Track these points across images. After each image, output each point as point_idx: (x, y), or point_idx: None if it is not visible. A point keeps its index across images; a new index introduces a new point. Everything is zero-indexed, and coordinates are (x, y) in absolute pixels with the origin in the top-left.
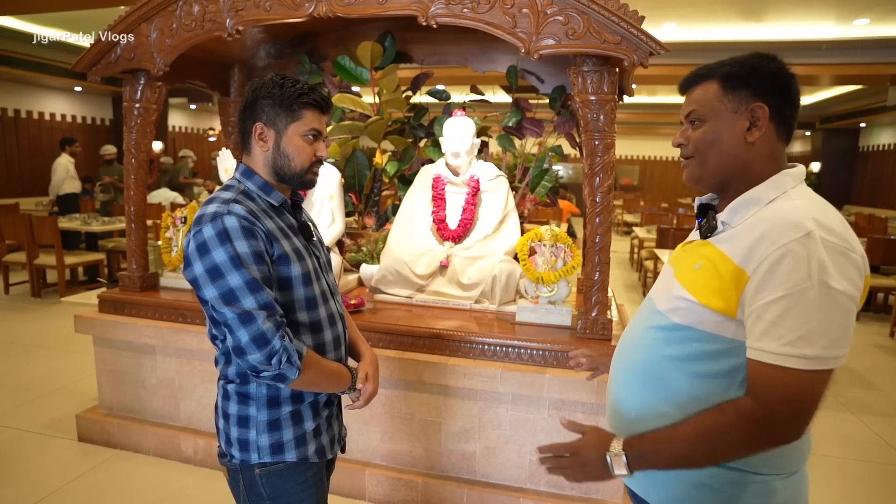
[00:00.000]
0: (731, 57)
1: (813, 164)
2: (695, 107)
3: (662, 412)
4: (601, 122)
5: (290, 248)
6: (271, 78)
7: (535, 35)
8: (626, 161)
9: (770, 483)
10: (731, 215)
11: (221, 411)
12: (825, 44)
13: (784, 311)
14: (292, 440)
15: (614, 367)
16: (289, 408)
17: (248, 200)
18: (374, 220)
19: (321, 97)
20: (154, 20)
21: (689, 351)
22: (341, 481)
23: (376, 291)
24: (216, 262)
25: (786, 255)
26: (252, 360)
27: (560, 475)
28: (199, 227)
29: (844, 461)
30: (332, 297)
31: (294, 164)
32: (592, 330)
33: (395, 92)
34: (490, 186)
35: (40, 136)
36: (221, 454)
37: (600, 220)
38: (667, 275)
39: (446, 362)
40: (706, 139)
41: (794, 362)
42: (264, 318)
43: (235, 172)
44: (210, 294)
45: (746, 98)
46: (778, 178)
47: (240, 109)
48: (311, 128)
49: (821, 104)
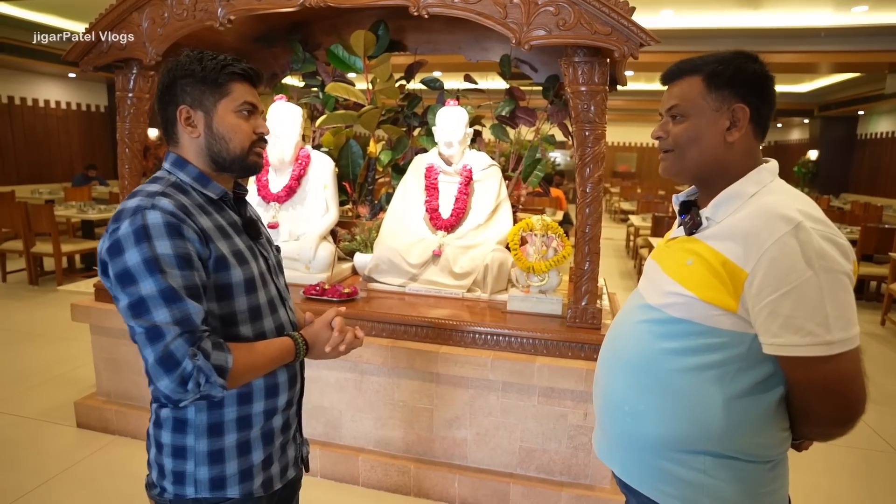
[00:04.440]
0: (713, 53)
1: (811, 151)
2: (677, 101)
3: (656, 404)
4: (592, 112)
5: (229, 249)
6: (187, 54)
7: (525, 26)
8: (624, 148)
9: (760, 469)
10: (714, 211)
11: (154, 440)
12: (823, 31)
13: (796, 302)
14: (236, 474)
15: (604, 362)
16: (234, 436)
17: (179, 194)
18: (367, 209)
19: (248, 67)
20: (145, 9)
21: (686, 344)
22: (335, 467)
23: (370, 280)
24: (128, 265)
25: (782, 248)
26: (162, 386)
27: None
28: (117, 223)
29: (829, 447)
30: (282, 304)
31: (233, 147)
32: (582, 319)
33: (389, 81)
34: (483, 176)
35: (35, 123)
36: (150, 485)
37: (590, 210)
38: (653, 270)
39: (438, 350)
40: (687, 136)
41: (820, 350)
42: (175, 334)
43: (165, 163)
44: (120, 304)
45: (729, 98)
46: (756, 174)
47: (156, 95)
48: (243, 101)
49: (819, 92)
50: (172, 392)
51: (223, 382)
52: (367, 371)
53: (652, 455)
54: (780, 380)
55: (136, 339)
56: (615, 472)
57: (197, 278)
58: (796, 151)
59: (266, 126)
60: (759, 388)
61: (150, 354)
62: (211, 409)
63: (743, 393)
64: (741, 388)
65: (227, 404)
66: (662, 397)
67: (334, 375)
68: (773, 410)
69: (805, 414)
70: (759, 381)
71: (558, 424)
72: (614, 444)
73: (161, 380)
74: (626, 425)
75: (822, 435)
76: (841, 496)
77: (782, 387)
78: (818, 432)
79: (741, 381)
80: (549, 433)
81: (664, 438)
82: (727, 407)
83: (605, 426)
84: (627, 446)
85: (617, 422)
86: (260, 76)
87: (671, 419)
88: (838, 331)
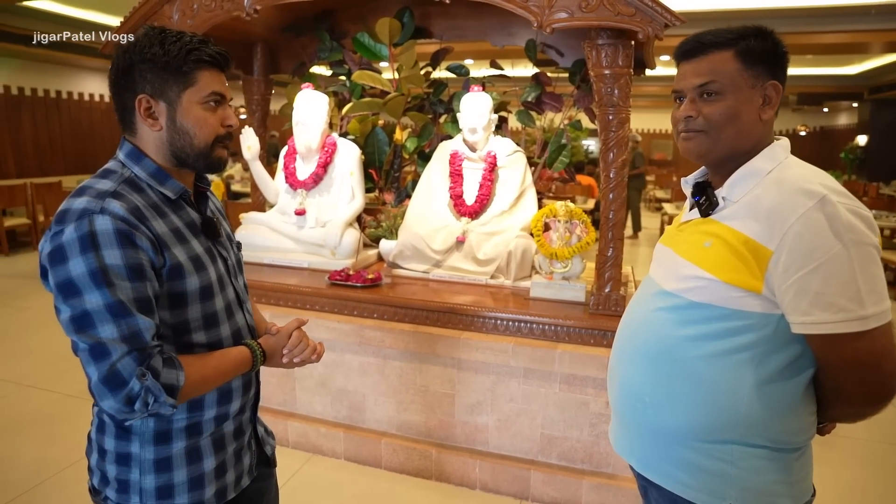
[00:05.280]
0: (732, 28)
1: (859, 137)
2: (711, 78)
3: (680, 393)
4: (615, 96)
5: (186, 256)
6: (146, 34)
7: (547, 8)
8: (659, 135)
9: (788, 457)
10: (730, 190)
11: (96, 445)
12: (874, 8)
13: (826, 277)
14: (185, 482)
15: (620, 352)
16: (182, 443)
17: (132, 193)
18: (393, 195)
19: (217, 51)
20: (175, 2)
21: (709, 329)
22: (358, 449)
23: (394, 266)
24: (72, 275)
25: (808, 223)
26: (107, 406)
27: None
28: (61, 226)
29: (867, 443)
30: (240, 308)
31: (197, 142)
32: (605, 306)
33: (414, 68)
34: (507, 162)
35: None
36: (93, 491)
37: (614, 195)
38: (667, 255)
39: (459, 336)
40: (725, 114)
41: (855, 326)
42: (122, 352)
43: (119, 152)
44: (62, 315)
45: (763, 75)
46: (770, 150)
47: (111, 78)
48: (210, 91)
49: (869, 73)
50: (118, 412)
51: (173, 402)
52: (390, 356)
53: (676, 447)
54: (809, 361)
55: (79, 355)
56: (634, 466)
57: (149, 290)
58: (843, 137)
59: (234, 118)
60: (788, 371)
61: (93, 373)
62: (158, 418)
63: (772, 377)
64: (770, 372)
65: (176, 412)
66: (686, 385)
67: (358, 360)
68: (803, 394)
69: (837, 394)
70: (788, 364)
71: (580, 412)
72: (633, 437)
73: (105, 400)
74: (647, 417)
75: (855, 415)
76: (876, 491)
77: (812, 368)
78: (851, 412)
79: (769, 364)
80: (570, 420)
81: (689, 428)
82: (756, 392)
83: (623, 419)
84: (648, 439)
85: (637, 413)
86: (228, 60)
87: (696, 408)
88: (871, 305)
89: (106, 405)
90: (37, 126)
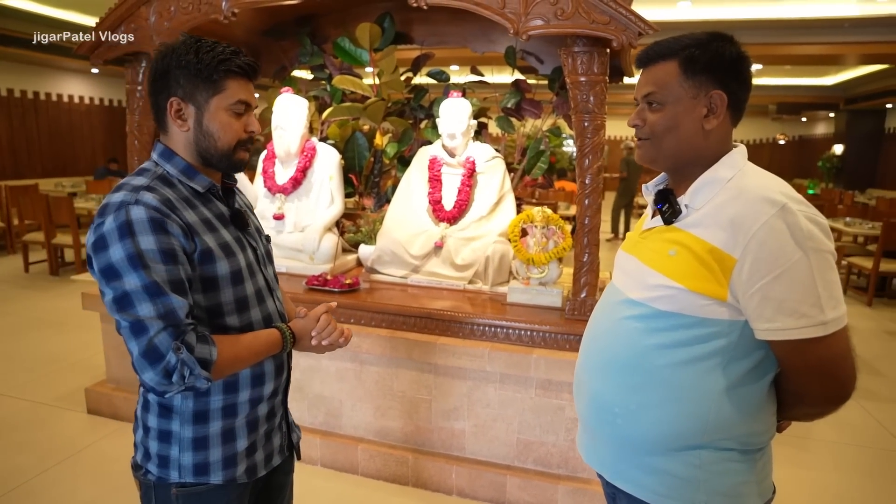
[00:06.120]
0: (689, 35)
1: (836, 146)
2: (653, 89)
3: (650, 402)
4: (591, 103)
5: (215, 242)
6: (184, 42)
7: (523, 15)
8: None
9: (751, 458)
10: (692, 197)
11: (141, 422)
12: (848, 21)
13: (789, 285)
14: (220, 461)
15: (587, 362)
16: (219, 424)
17: (165, 187)
18: (373, 200)
19: (246, 62)
20: (153, 4)
21: (677, 337)
22: (335, 456)
23: (373, 271)
24: (112, 260)
25: (770, 231)
26: (147, 378)
27: None
28: (102, 218)
29: (840, 446)
30: (270, 294)
31: (220, 145)
32: (581, 311)
33: (394, 73)
34: (486, 168)
35: (59, 117)
36: (136, 466)
37: (589, 201)
38: (631, 263)
39: (436, 341)
40: (664, 124)
41: (816, 331)
42: (159, 328)
43: (153, 153)
44: (106, 298)
45: (706, 84)
46: (730, 158)
47: (149, 80)
48: (237, 100)
49: (845, 84)
50: (157, 384)
51: (207, 375)
52: (367, 361)
53: (645, 455)
54: (771, 364)
55: (122, 332)
56: (605, 476)
57: (181, 272)
58: (821, 146)
59: (257, 124)
60: (753, 375)
61: (134, 348)
62: (197, 397)
63: (738, 381)
64: (736, 377)
65: (213, 393)
66: (656, 394)
67: (335, 365)
68: (766, 395)
69: (800, 396)
70: (753, 368)
71: (556, 417)
72: (603, 447)
73: (146, 372)
74: (617, 427)
75: (815, 414)
76: (849, 494)
77: (774, 371)
78: (812, 412)
79: (736, 369)
80: (546, 426)
81: (661, 436)
82: (724, 397)
83: (592, 429)
84: (618, 448)
85: (606, 424)
86: (257, 70)
87: (667, 416)
88: (830, 310)
89: (146, 377)
90: (13, 127)
